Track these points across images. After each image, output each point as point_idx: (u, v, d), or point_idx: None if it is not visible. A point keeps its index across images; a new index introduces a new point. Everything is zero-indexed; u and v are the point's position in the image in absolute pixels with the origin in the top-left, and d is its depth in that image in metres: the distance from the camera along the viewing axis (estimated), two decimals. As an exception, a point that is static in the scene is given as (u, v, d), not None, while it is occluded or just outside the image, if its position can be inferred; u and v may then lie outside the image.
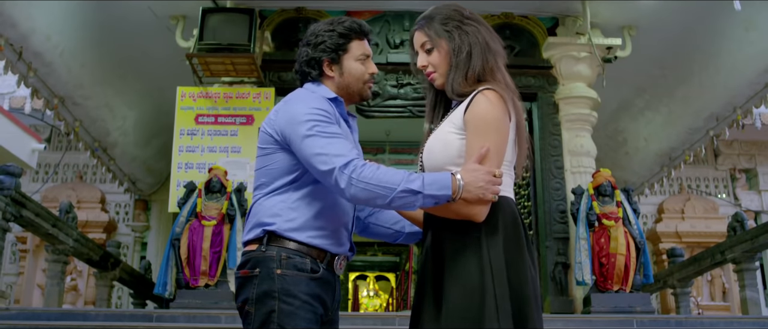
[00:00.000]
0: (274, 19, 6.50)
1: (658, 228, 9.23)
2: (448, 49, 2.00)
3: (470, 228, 1.86)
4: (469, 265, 1.84)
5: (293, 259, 1.95)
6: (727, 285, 8.90)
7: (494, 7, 6.49)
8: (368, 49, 2.17)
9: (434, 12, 2.05)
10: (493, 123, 1.88)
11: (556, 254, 5.91)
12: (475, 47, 1.99)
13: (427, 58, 2.04)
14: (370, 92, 2.19)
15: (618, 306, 5.12)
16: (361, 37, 2.15)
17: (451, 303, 1.82)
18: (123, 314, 5.58)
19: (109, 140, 7.89)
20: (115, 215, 9.65)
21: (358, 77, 2.14)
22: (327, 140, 1.93)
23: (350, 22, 2.15)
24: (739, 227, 5.68)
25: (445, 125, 1.99)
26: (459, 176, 1.81)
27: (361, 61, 2.15)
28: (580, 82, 6.34)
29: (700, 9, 6.06)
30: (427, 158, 2.00)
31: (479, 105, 1.90)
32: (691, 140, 7.85)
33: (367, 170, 1.85)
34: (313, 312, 1.94)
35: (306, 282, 1.94)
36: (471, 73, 1.97)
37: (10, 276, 9.13)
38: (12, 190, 4.85)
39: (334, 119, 2.01)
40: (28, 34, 5.78)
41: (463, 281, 1.82)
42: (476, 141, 1.87)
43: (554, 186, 6.11)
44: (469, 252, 1.85)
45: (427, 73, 2.06)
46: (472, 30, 2.01)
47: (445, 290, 1.84)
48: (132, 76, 7.31)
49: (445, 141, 1.95)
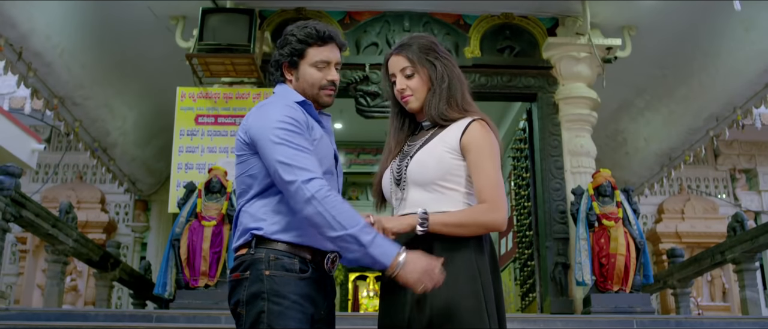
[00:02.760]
0: (274, 20, 6.50)
1: (658, 228, 9.23)
2: (428, 77, 2.17)
3: (459, 241, 2.03)
4: (462, 272, 1.99)
5: (281, 260, 1.98)
6: (727, 286, 8.90)
7: (494, 7, 6.50)
8: (331, 56, 2.16)
9: (412, 41, 2.22)
10: (494, 149, 2.10)
11: (556, 254, 5.91)
12: (453, 79, 2.18)
13: (406, 82, 2.19)
14: (328, 99, 2.18)
15: (618, 307, 5.12)
16: (320, 44, 2.15)
17: (447, 306, 1.94)
18: (123, 314, 5.57)
19: (108, 141, 7.88)
20: (114, 215, 9.65)
21: (312, 84, 2.15)
22: (294, 151, 1.97)
23: (312, 28, 2.15)
24: (739, 228, 5.67)
25: (435, 144, 2.12)
26: (403, 257, 1.87)
27: (319, 68, 2.15)
28: (580, 82, 6.34)
29: (700, 9, 6.06)
30: (418, 171, 2.11)
31: (479, 133, 2.10)
32: (691, 140, 7.85)
33: (332, 199, 1.91)
34: (302, 312, 1.95)
35: (295, 282, 1.97)
36: (453, 102, 2.15)
37: (10, 277, 9.14)
38: (12, 190, 4.84)
39: (305, 127, 2.05)
40: (28, 35, 5.78)
41: (459, 286, 1.97)
42: (483, 165, 2.07)
43: (554, 186, 6.11)
44: (459, 260, 2.00)
45: (403, 96, 2.20)
46: (447, 63, 2.20)
47: (438, 294, 1.94)
48: (132, 76, 7.30)
49: (439, 158, 2.09)
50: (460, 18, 6.60)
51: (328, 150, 2.15)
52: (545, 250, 6.00)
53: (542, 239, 6.10)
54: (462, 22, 6.58)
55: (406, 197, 2.14)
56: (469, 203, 2.10)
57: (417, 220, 2.01)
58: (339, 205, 1.90)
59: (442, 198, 2.08)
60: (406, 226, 2.01)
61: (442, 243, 2.02)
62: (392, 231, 2.00)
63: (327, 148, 2.14)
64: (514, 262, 7.68)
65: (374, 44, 6.55)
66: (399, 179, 2.15)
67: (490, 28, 6.56)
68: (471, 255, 2.01)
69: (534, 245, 6.49)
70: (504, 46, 6.48)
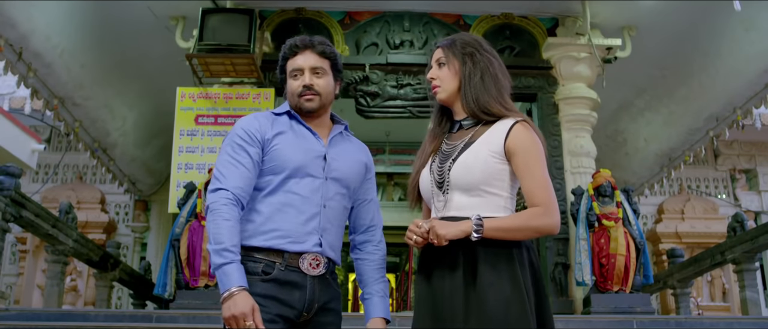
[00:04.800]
0: (274, 20, 6.50)
1: (658, 229, 9.23)
2: (458, 70, 2.13)
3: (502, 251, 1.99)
4: (504, 278, 1.95)
5: (246, 264, 2.05)
6: (727, 286, 8.90)
7: (494, 8, 6.50)
8: (303, 62, 2.22)
9: (458, 37, 2.21)
10: (541, 151, 2.08)
11: (556, 254, 5.91)
12: (487, 75, 2.12)
13: (437, 71, 2.16)
14: (308, 104, 2.21)
15: (618, 307, 5.12)
16: (293, 55, 2.24)
17: (493, 308, 1.91)
18: (123, 315, 5.57)
19: (108, 141, 7.88)
20: (114, 215, 9.65)
21: (292, 93, 2.23)
22: (226, 162, 2.12)
23: (287, 43, 2.25)
24: (739, 228, 5.67)
25: (479, 146, 2.07)
26: (234, 294, 1.93)
27: (294, 77, 2.23)
28: (580, 82, 6.33)
29: (700, 9, 6.06)
30: (464, 174, 2.05)
31: (525, 135, 2.05)
32: (690, 140, 7.86)
33: (220, 212, 2.03)
34: (265, 312, 2.00)
35: (256, 284, 2.03)
36: (491, 95, 2.10)
37: (10, 277, 9.14)
38: (12, 190, 4.84)
39: (255, 139, 2.15)
40: (28, 35, 5.78)
41: (503, 290, 1.93)
42: (532, 168, 2.04)
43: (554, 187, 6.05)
44: (502, 266, 1.97)
45: (433, 85, 2.17)
46: (487, 60, 2.15)
47: (480, 296, 1.93)
48: (132, 76, 7.30)
49: (485, 163, 2.04)
50: (460, 18, 6.60)
51: (296, 154, 2.16)
52: (545, 250, 6.00)
53: (542, 239, 6.09)
54: (462, 23, 6.58)
55: (449, 201, 2.08)
56: (509, 208, 2.07)
57: (471, 226, 1.96)
58: (220, 220, 2.02)
59: (484, 203, 2.04)
60: (461, 232, 1.96)
61: (486, 250, 1.98)
62: (446, 239, 1.95)
63: (293, 152, 2.16)
64: (514, 262, 7.67)
65: (374, 44, 6.54)
66: (441, 182, 2.09)
67: (490, 28, 6.56)
68: (514, 265, 1.98)
69: (534, 245, 6.49)
70: (504, 46, 6.47)
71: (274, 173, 2.15)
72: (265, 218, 2.11)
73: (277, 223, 2.10)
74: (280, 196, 2.13)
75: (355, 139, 2.40)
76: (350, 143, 2.36)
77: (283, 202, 2.12)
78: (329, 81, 2.25)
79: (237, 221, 2.05)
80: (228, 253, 1.99)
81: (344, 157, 2.26)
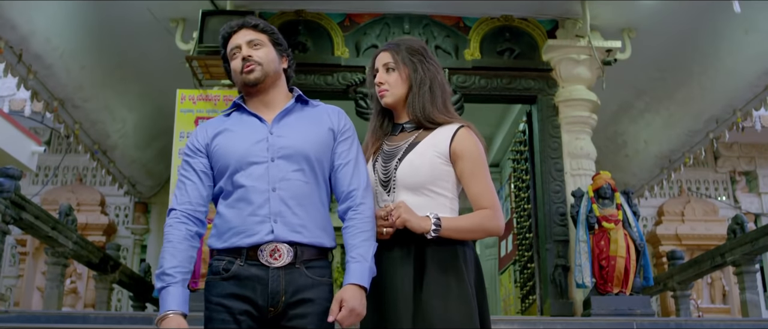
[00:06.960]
0: (274, 22, 6.48)
1: (658, 231, 9.22)
2: (408, 77, 2.20)
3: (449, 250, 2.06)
4: (452, 277, 2.02)
5: (212, 266, 2.11)
6: (727, 288, 8.89)
7: (494, 9, 6.50)
8: (238, 39, 2.23)
9: (402, 41, 2.27)
10: (484, 157, 2.15)
11: (556, 256, 5.90)
12: (435, 83, 2.21)
13: (386, 76, 2.22)
14: (250, 75, 2.18)
15: (618, 309, 5.11)
16: (229, 39, 2.27)
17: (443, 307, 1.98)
18: (123, 317, 5.57)
19: (108, 143, 7.88)
20: (114, 217, 9.64)
21: (234, 72, 2.23)
22: (178, 181, 2.22)
23: (223, 30, 2.30)
24: (739, 230, 5.67)
25: (424, 147, 2.13)
26: (168, 318, 2.02)
27: (234, 56, 2.23)
28: (579, 84, 6.33)
29: (700, 11, 6.06)
30: (410, 174, 2.11)
31: (469, 141, 2.13)
32: (690, 142, 7.85)
33: (169, 234, 2.10)
34: (226, 311, 2.02)
35: (216, 284, 2.07)
36: (436, 105, 2.18)
37: (10, 279, 9.13)
38: (12, 192, 4.84)
39: (194, 149, 2.20)
40: (28, 37, 5.78)
41: (455, 289, 2.00)
42: (478, 173, 2.12)
43: (554, 189, 6.11)
44: (449, 264, 2.04)
45: (380, 90, 2.23)
46: (432, 68, 2.23)
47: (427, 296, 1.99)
48: (132, 78, 7.30)
49: (431, 163, 2.11)
50: (460, 20, 6.60)
51: (236, 146, 2.13)
52: (545, 252, 5.99)
53: (542, 241, 6.10)
54: (462, 25, 6.58)
55: (394, 200, 2.12)
56: (454, 209, 2.13)
57: (430, 224, 2.01)
58: (165, 243, 2.09)
59: (431, 202, 2.09)
60: (419, 228, 2.01)
61: (434, 248, 2.04)
62: (411, 227, 2.01)
63: (233, 145, 2.14)
64: (514, 264, 7.67)
65: (374, 46, 6.52)
66: (386, 181, 2.14)
67: (490, 30, 6.56)
68: (460, 263, 2.04)
69: (534, 248, 6.49)
70: (504, 48, 6.47)
71: (222, 173, 2.15)
72: (224, 219, 2.12)
73: (231, 221, 2.09)
74: (233, 194, 2.12)
75: (320, 106, 2.28)
76: (307, 112, 2.24)
77: (235, 198, 2.11)
78: (269, 52, 2.22)
79: (183, 239, 2.07)
80: (165, 277, 2.03)
81: (295, 130, 2.15)
